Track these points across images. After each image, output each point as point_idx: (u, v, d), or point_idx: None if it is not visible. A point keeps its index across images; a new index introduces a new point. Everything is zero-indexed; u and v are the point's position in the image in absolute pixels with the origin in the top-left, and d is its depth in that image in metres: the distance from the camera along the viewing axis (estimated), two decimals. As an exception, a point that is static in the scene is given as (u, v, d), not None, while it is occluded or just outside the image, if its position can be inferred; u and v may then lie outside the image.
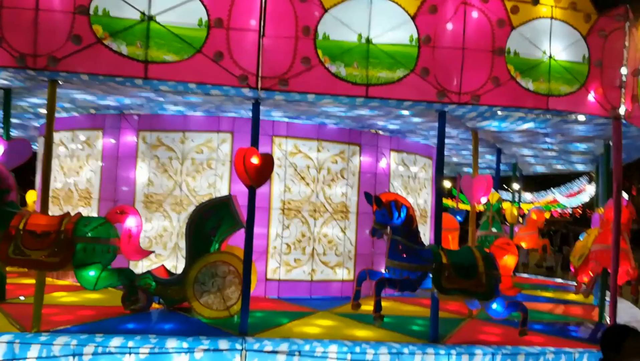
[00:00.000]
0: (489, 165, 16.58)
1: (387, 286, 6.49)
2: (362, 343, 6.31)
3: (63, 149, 11.08)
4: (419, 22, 6.26)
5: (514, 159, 14.74)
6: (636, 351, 2.93)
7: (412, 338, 6.86)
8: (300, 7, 6.03)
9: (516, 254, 7.22)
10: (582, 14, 6.82)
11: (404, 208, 6.44)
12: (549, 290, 13.18)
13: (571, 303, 10.83)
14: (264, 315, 8.00)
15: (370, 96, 6.20)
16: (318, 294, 10.21)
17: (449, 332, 7.35)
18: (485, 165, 16.32)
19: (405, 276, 6.50)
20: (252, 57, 5.96)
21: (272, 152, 10.08)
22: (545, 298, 11.79)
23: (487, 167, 17.24)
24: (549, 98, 6.69)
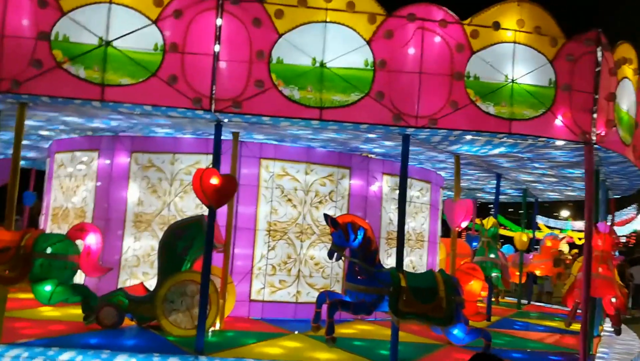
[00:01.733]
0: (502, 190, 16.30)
1: (341, 308, 6.42)
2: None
3: (63, 170, 11.50)
4: (374, 46, 6.29)
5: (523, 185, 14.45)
6: None
7: None
8: (254, 32, 6.15)
9: (482, 279, 7.04)
10: (547, 38, 6.70)
11: (361, 230, 6.40)
12: (556, 319, 12.73)
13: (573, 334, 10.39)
14: (234, 335, 8.00)
15: (324, 118, 6.23)
16: (303, 317, 10.16)
17: (416, 357, 7.20)
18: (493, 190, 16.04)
19: (361, 299, 6.44)
20: (206, 80, 6.09)
21: (259, 174, 10.22)
22: (545, 327, 11.38)
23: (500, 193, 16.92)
24: (511, 122, 6.57)
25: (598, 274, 8.27)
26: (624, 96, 7.66)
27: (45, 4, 6.02)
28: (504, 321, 11.83)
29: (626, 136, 7.87)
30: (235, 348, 7.00)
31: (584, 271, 6.90)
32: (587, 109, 6.85)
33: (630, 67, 7.82)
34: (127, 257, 10.19)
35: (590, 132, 6.88)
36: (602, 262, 8.20)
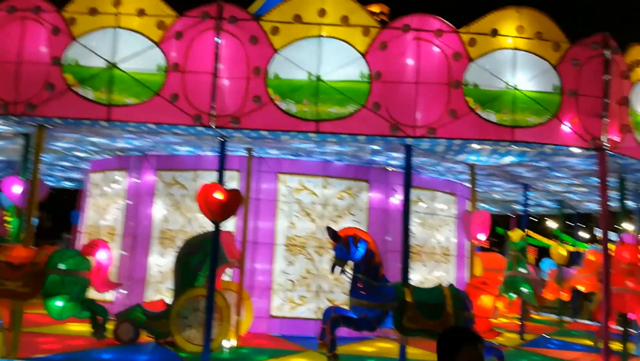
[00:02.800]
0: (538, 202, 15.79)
1: (343, 325, 6.32)
2: None
3: (96, 189, 12.00)
4: (369, 58, 6.31)
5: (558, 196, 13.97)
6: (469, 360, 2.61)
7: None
8: (251, 50, 6.31)
9: (495, 294, 6.80)
10: (550, 43, 6.53)
11: (363, 243, 6.32)
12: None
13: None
14: (248, 352, 8.03)
15: (321, 131, 6.29)
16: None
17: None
18: (534, 202, 15.57)
19: (363, 315, 6.33)
20: (206, 97, 6.28)
21: (277, 189, 10.33)
22: (584, 347, 10.81)
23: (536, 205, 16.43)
24: (514, 129, 6.42)
25: (627, 289, 7.84)
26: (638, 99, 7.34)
27: (58, 31, 6.40)
28: (539, 340, 11.33)
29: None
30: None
31: (604, 285, 6.58)
32: (597, 115, 6.61)
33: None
34: (152, 273, 10.47)
35: (601, 138, 6.61)
36: (629, 275, 7.77)
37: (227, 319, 7.86)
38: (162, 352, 7.57)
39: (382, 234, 10.75)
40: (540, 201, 15.52)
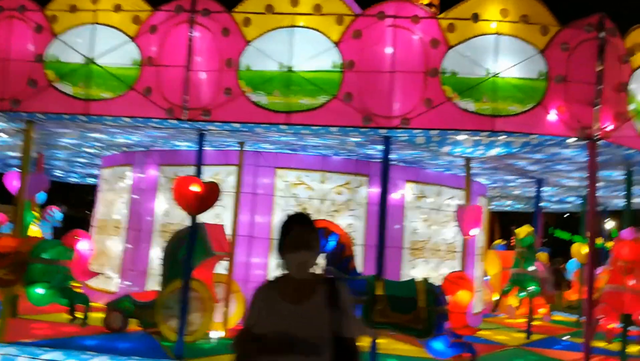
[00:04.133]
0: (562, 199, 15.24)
1: None
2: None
3: (106, 184, 12.24)
4: (342, 47, 6.13)
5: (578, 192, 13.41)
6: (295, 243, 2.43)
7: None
8: (223, 42, 6.23)
9: (472, 289, 6.55)
10: (537, 27, 6.18)
11: (334, 236, 6.25)
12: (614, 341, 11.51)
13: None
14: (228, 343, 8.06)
15: (292, 122, 6.17)
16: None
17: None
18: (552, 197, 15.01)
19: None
20: (178, 90, 6.26)
21: (274, 183, 10.26)
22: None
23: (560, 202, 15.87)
24: (495, 119, 6.12)
25: (626, 288, 7.42)
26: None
27: (41, 29, 6.54)
28: (547, 340, 10.90)
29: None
30: (218, 356, 7.02)
31: (588, 281, 6.24)
32: (589, 102, 6.23)
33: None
34: (153, 265, 10.59)
35: (592, 127, 6.24)
36: (628, 273, 7.35)
37: (210, 310, 7.87)
38: (147, 341, 7.65)
39: (383, 230, 10.56)
40: (564, 198, 14.95)
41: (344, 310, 2.43)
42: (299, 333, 2.34)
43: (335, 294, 2.44)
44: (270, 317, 2.39)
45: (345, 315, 2.44)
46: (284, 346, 2.32)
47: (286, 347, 2.32)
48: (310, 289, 2.45)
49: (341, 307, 2.42)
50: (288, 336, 2.33)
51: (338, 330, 2.38)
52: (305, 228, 2.49)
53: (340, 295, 2.45)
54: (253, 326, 2.42)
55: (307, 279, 2.47)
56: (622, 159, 7.55)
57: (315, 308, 2.40)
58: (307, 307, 2.40)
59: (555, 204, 16.70)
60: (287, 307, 2.40)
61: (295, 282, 2.46)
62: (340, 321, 2.39)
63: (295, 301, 2.42)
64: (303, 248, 2.43)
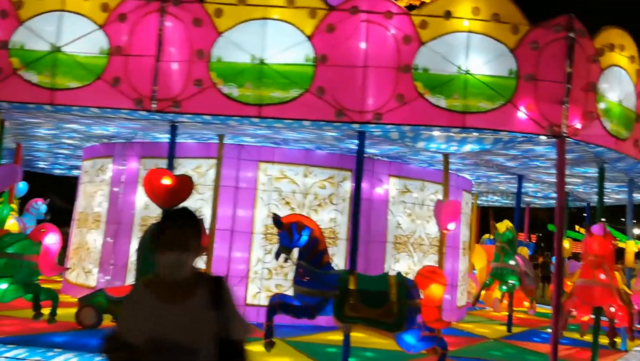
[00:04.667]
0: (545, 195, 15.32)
1: (280, 311, 6.29)
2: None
3: (86, 176, 12.20)
4: (315, 41, 6.12)
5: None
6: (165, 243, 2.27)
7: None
8: (195, 32, 6.19)
9: (444, 284, 6.59)
10: (508, 26, 6.20)
11: (307, 230, 6.24)
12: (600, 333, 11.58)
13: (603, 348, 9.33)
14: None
15: (263, 116, 6.17)
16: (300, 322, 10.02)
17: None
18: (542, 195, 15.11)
19: (305, 302, 6.27)
20: (147, 81, 6.23)
21: (257, 177, 10.27)
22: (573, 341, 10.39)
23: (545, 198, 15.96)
24: (465, 115, 6.16)
25: (596, 281, 7.52)
26: (613, 85, 6.95)
27: (6, 15, 6.43)
28: (528, 333, 11.01)
29: (620, 130, 7.12)
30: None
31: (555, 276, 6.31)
32: (557, 100, 6.28)
33: (622, 54, 7.10)
34: (134, 259, 10.58)
35: (561, 125, 6.29)
36: (597, 267, 7.44)
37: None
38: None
39: (365, 224, 10.59)
40: (548, 193, 15.04)
41: (228, 310, 2.31)
42: (177, 336, 2.20)
43: (218, 294, 2.30)
44: (146, 320, 2.23)
45: (231, 315, 2.32)
46: (159, 352, 2.18)
47: (161, 353, 2.18)
48: (190, 289, 2.30)
49: (226, 307, 2.30)
50: (164, 341, 2.19)
51: (223, 331, 2.26)
52: (179, 226, 2.30)
53: (224, 295, 2.32)
54: (126, 332, 2.24)
55: (186, 279, 2.31)
56: (594, 157, 7.61)
57: (195, 309, 2.26)
58: (187, 308, 2.25)
59: (540, 200, 16.81)
60: (165, 308, 2.25)
61: (172, 282, 2.29)
62: (225, 322, 2.27)
63: (173, 301, 2.27)
64: (174, 249, 2.26)
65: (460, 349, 8.57)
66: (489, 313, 13.48)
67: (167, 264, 2.28)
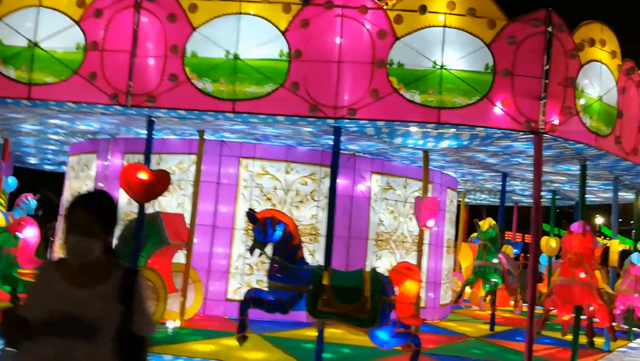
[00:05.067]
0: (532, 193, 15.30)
1: (253, 306, 6.26)
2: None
3: (72, 172, 12.14)
4: (289, 36, 6.08)
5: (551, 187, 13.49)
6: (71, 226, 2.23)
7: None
8: (169, 27, 6.15)
9: (419, 280, 6.56)
10: (484, 20, 6.16)
11: (281, 225, 6.21)
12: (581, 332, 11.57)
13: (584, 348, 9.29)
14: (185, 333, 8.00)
15: (237, 111, 6.12)
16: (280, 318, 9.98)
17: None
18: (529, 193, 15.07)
19: (278, 297, 6.25)
20: (123, 76, 6.19)
21: (239, 173, 10.23)
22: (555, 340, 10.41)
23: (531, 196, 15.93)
24: (440, 111, 6.12)
25: (575, 280, 7.49)
26: (593, 81, 6.93)
27: (-16, 11, 6.40)
28: (511, 332, 10.99)
29: (600, 126, 7.10)
30: (164, 345, 7.00)
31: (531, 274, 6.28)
32: (535, 96, 6.25)
33: (603, 49, 7.07)
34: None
35: (538, 121, 6.26)
36: (577, 266, 7.41)
37: (163, 299, 7.85)
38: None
39: (347, 221, 10.57)
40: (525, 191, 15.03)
41: (136, 303, 2.27)
42: (78, 312, 2.18)
43: (129, 286, 2.27)
44: (47, 298, 2.22)
45: (137, 309, 2.28)
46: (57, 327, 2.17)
47: (60, 328, 2.16)
48: (99, 275, 2.28)
49: (134, 300, 2.26)
50: (66, 316, 2.17)
51: (127, 324, 2.23)
52: (87, 211, 2.27)
53: (135, 288, 2.28)
54: (28, 308, 2.23)
55: (96, 264, 2.29)
56: (575, 153, 7.59)
57: (102, 296, 2.23)
58: (94, 293, 2.23)
59: (528, 198, 16.80)
60: (68, 289, 2.24)
61: (80, 266, 2.28)
62: (130, 315, 2.24)
63: (81, 285, 2.25)
64: (79, 232, 2.23)
65: (440, 347, 8.55)
66: (474, 311, 13.47)
67: (71, 247, 2.26)
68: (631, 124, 7.77)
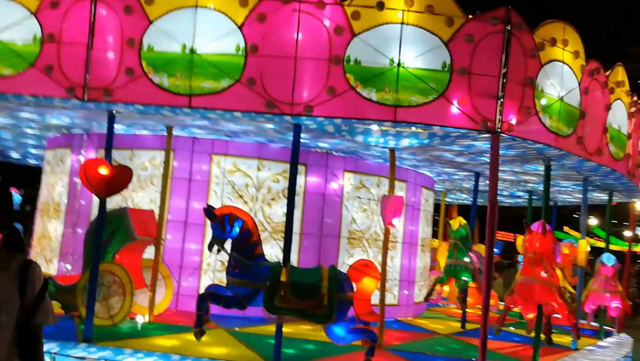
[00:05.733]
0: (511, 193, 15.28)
1: (211, 301, 6.22)
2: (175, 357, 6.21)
3: (48, 167, 12.03)
4: (246, 31, 6.01)
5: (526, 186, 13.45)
6: None
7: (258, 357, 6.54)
8: (126, 20, 6.08)
9: (377, 277, 6.52)
10: (442, 18, 6.12)
11: (239, 222, 6.17)
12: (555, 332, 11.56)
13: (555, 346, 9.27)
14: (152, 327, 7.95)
15: (194, 106, 6.06)
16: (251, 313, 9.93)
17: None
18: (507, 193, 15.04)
19: (235, 293, 6.22)
20: (80, 69, 6.11)
21: (210, 170, 10.16)
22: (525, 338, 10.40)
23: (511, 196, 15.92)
24: (397, 109, 6.07)
25: (535, 278, 7.47)
26: (553, 81, 6.89)
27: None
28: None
29: (560, 126, 7.06)
30: (127, 339, 6.94)
31: (485, 274, 6.25)
32: (492, 95, 6.20)
33: (566, 49, 7.03)
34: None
35: (494, 120, 6.22)
36: (537, 264, 7.39)
37: (129, 294, 7.78)
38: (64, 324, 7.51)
39: (319, 219, 10.52)
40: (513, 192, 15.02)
41: (34, 295, 2.34)
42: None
43: (24, 276, 2.34)
44: None
45: (35, 301, 2.35)
46: None
47: None
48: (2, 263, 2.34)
49: (30, 292, 2.34)
50: None
51: (24, 314, 2.30)
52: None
53: (29, 278, 2.35)
54: None
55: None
56: (537, 153, 7.56)
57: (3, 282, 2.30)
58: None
59: (507, 198, 16.78)
60: None
61: None
62: (28, 306, 2.31)
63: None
64: None
65: (405, 343, 8.52)
66: (451, 310, 13.46)
67: None
68: (595, 124, 7.74)
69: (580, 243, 9.66)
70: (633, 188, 11.20)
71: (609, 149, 8.16)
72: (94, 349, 6.08)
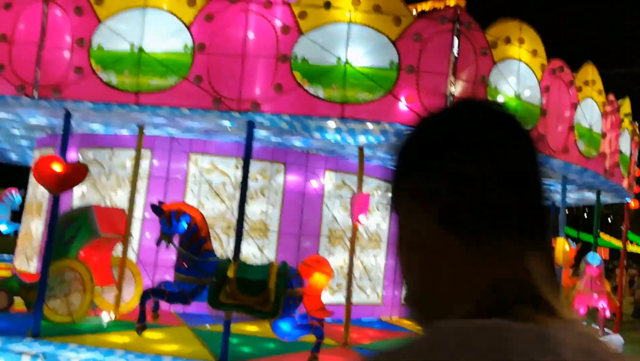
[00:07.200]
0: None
1: (154, 297, 6.26)
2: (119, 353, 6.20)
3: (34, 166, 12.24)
4: (194, 30, 6.04)
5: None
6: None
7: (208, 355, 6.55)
8: (76, 20, 6.14)
9: (328, 273, 6.49)
10: (389, 17, 6.09)
11: (186, 217, 6.21)
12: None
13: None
14: (113, 325, 7.99)
15: (141, 102, 6.11)
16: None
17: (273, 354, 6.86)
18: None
19: (181, 288, 6.25)
20: (30, 68, 6.20)
21: (187, 168, 10.22)
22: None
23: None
24: (344, 106, 6.05)
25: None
26: (509, 79, 6.81)
27: None
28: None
29: (519, 125, 6.97)
30: (78, 335, 6.99)
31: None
32: (440, 93, 6.15)
33: (522, 47, 6.94)
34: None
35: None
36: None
37: (90, 291, 7.86)
38: (21, 321, 7.62)
39: (298, 218, 10.52)
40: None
41: None
42: None
43: None
44: None
45: None
46: None
47: None
48: None
49: None
50: None
51: None
52: None
53: None
54: None
55: None
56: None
57: None
58: None
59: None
60: None
61: None
62: None
63: None
64: None
65: (374, 343, 8.46)
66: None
67: None
68: (559, 122, 7.62)
69: (558, 241, 9.51)
70: (617, 188, 11.00)
71: (577, 147, 8.02)
72: (36, 344, 6.14)
